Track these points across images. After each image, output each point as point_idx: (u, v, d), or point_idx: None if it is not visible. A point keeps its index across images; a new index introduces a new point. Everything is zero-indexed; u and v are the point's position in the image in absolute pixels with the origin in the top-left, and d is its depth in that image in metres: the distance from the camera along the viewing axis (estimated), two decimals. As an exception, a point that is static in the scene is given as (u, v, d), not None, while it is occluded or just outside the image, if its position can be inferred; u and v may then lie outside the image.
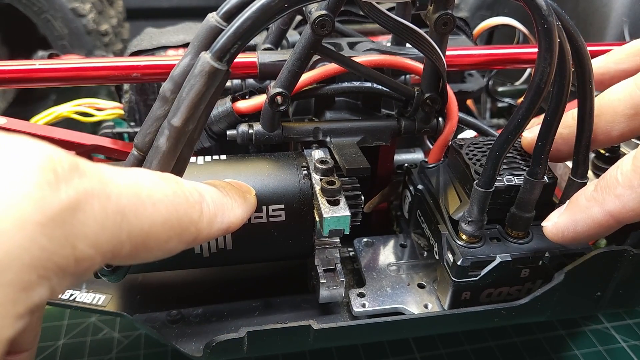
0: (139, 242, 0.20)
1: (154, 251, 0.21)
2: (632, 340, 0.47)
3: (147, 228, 0.20)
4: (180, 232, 0.22)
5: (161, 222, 0.21)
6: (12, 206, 0.16)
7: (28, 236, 0.16)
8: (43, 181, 0.17)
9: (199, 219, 0.23)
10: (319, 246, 0.35)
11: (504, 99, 0.56)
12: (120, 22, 0.75)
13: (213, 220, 0.24)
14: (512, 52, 0.43)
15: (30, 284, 0.16)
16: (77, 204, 0.18)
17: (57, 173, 0.17)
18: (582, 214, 0.29)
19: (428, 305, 0.36)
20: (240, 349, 0.31)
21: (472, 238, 0.33)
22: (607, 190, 0.28)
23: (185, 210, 0.22)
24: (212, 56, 0.25)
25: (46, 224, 0.17)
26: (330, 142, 0.37)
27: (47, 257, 0.17)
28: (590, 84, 0.30)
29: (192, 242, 0.23)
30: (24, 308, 0.16)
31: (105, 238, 0.18)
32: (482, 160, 0.35)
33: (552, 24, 0.26)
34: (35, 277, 0.16)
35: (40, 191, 0.17)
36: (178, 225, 0.22)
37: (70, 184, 0.18)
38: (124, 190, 0.20)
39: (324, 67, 0.37)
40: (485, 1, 0.61)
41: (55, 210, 0.17)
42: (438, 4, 0.32)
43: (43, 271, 0.17)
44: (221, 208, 0.25)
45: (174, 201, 0.22)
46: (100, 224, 0.18)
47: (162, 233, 0.21)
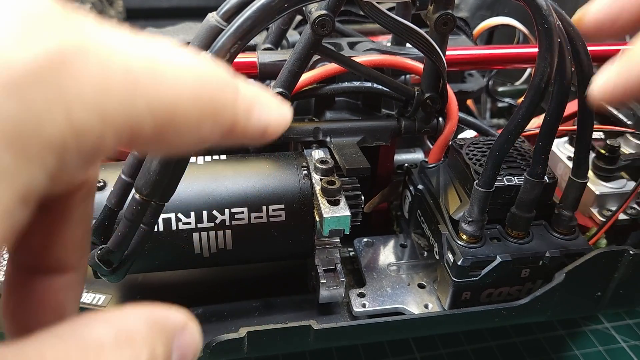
0: (164, 118, 0.15)
1: (185, 134, 0.16)
2: (632, 340, 0.47)
3: (171, 100, 0.15)
4: (215, 112, 0.17)
5: (188, 95, 0.16)
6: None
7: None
8: (8, 28, 0.12)
9: (235, 103, 0.17)
10: (319, 246, 0.35)
11: (504, 99, 0.56)
12: (121, 22, 0.75)
13: (250, 110, 0.18)
14: (512, 52, 0.43)
15: (8, 169, 0.12)
16: (64, 57, 0.13)
17: (30, 17, 0.13)
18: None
19: (428, 305, 0.36)
20: (240, 349, 0.31)
21: (472, 238, 0.33)
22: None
23: (219, 88, 0.17)
24: (212, 56, 0.25)
25: (17, 83, 0.12)
26: (330, 142, 0.37)
27: (25, 129, 0.12)
28: (591, 84, 0.30)
29: (227, 132, 0.17)
30: (10, 200, 0.12)
31: (114, 104, 0.14)
32: (482, 160, 0.35)
33: (552, 24, 0.26)
34: (13, 159, 0.12)
35: (8, 41, 0.12)
36: (210, 103, 0.16)
37: (53, 31, 0.13)
38: (134, 52, 0.14)
39: (324, 67, 0.37)
40: (485, 1, 0.61)
41: (27, 65, 0.12)
42: (438, 3, 0.32)
43: (24, 149, 0.12)
44: (258, 102, 0.19)
45: (203, 73, 0.16)
46: (102, 85, 0.13)
47: (192, 110, 0.16)
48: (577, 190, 0.33)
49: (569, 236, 0.35)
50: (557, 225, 0.35)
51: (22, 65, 0.12)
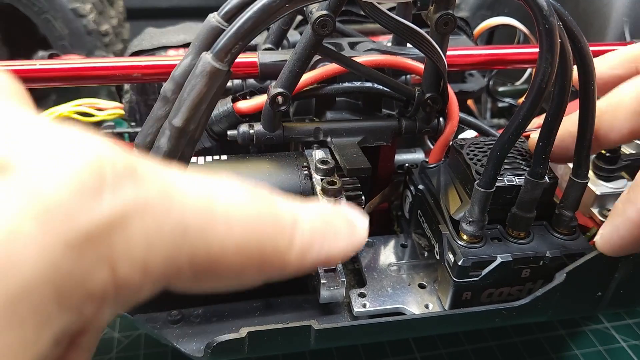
0: (203, 268, 0.16)
1: (224, 280, 0.17)
2: (632, 340, 0.47)
3: (216, 251, 0.16)
4: (260, 261, 0.17)
5: (234, 246, 0.16)
6: (37, 218, 0.12)
7: (53, 261, 0.12)
8: (83, 188, 0.13)
9: (288, 249, 0.18)
10: (320, 246, 0.35)
11: (504, 99, 0.56)
12: (121, 22, 0.75)
13: (307, 252, 0.18)
14: (512, 52, 0.43)
15: (51, 318, 0.13)
16: (123, 217, 0.13)
17: (103, 177, 0.13)
18: (620, 217, 0.30)
19: (429, 305, 0.36)
20: (241, 349, 0.31)
21: (473, 238, 0.33)
22: (638, 189, 0.29)
23: (270, 235, 0.17)
24: (213, 56, 0.25)
25: (78, 243, 0.13)
26: (331, 142, 0.37)
27: (74, 283, 0.13)
28: (592, 85, 0.30)
29: (275, 276, 0.18)
30: (44, 345, 0.13)
31: (158, 260, 0.14)
32: (483, 161, 0.35)
33: (553, 24, 0.26)
34: (57, 309, 0.13)
35: (76, 201, 0.13)
36: (258, 253, 0.17)
37: (119, 192, 0.13)
38: (192, 202, 0.15)
39: (325, 67, 0.37)
40: (486, 1, 0.61)
41: (91, 226, 0.13)
42: (439, 4, 0.32)
43: (67, 300, 0.13)
44: (320, 237, 0.19)
45: (256, 222, 0.17)
46: (151, 244, 0.14)
47: (236, 260, 0.16)
48: (577, 190, 0.33)
49: (569, 236, 0.35)
50: (557, 226, 0.35)
51: (89, 224, 0.13)
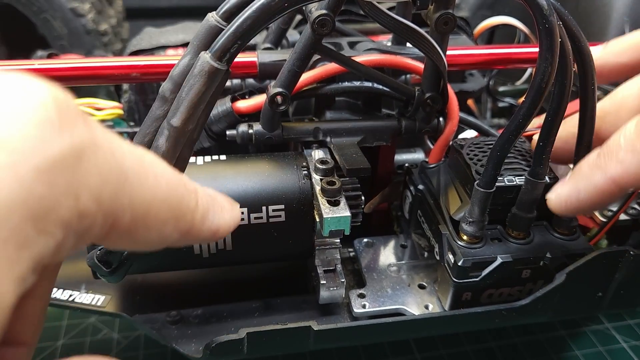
0: (139, 214, 0.18)
1: (151, 231, 0.19)
2: (632, 341, 0.47)
3: (149, 199, 0.18)
4: (177, 216, 0.20)
5: (162, 197, 0.19)
6: (6, 149, 0.14)
7: (26, 185, 0.14)
8: (45, 120, 0.15)
9: (195, 208, 0.21)
10: (319, 247, 0.34)
11: (504, 99, 0.56)
12: (120, 22, 0.75)
13: (205, 216, 0.22)
14: (513, 52, 0.43)
15: (29, 240, 0.14)
16: (82, 150, 0.16)
17: (61, 113, 0.15)
18: (585, 181, 0.29)
19: (429, 306, 0.36)
20: (240, 349, 0.31)
21: (473, 238, 0.33)
22: (610, 155, 0.28)
23: (183, 193, 0.20)
24: (211, 56, 0.25)
25: (47, 169, 0.14)
26: (330, 142, 0.37)
27: (48, 208, 0.15)
28: (593, 85, 0.30)
29: (185, 234, 0.21)
30: (25, 267, 0.14)
31: (108, 195, 0.16)
32: (483, 161, 0.35)
33: (553, 24, 0.26)
34: (35, 232, 0.14)
35: (42, 131, 0.15)
36: (177, 207, 0.20)
37: (75, 128, 0.16)
38: (127, 152, 0.18)
39: (324, 66, 0.37)
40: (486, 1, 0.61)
41: (57, 154, 0.15)
42: (439, 3, 0.32)
43: (44, 225, 0.15)
44: (212, 207, 0.23)
45: (173, 180, 0.20)
46: (103, 178, 0.16)
47: (162, 211, 0.19)
48: (578, 190, 0.33)
49: (569, 236, 0.34)
50: (558, 226, 0.35)
51: (53, 154, 0.15)
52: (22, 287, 0.15)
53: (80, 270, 0.36)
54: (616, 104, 0.32)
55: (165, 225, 0.20)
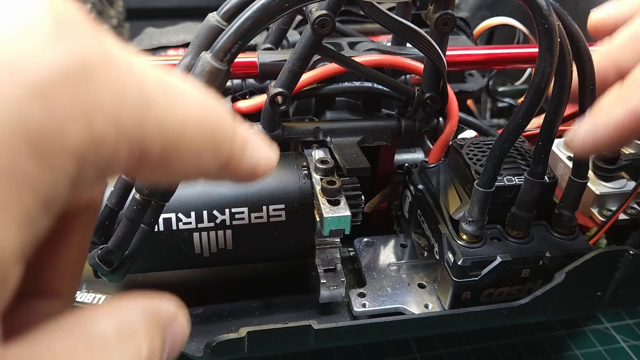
0: (171, 139, 0.15)
1: (187, 160, 0.16)
2: (632, 340, 0.47)
3: (180, 123, 0.15)
4: (215, 142, 0.17)
5: (195, 121, 0.16)
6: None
7: (16, 107, 0.11)
8: (37, 28, 0.12)
9: (233, 136, 0.17)
10: (320, 246, 0.35)
11: (504, 99, 0.56)
12: (121, 23, 0.75)
13: (245, 147, 0.18)
14: (512, 52, 0.43)
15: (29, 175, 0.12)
16: (88, 64, 0.13)
17: (58, 21, 0.13)
18: (604, 116, 0.27)
19: (428, 305, 0.36)
20: (240, 348, 0.31)
21: (472, 238, 0.33)
22: (633, 87, 0.26)
23: (219, 118, 0.17)
24: (212, 56, 0.25)
25: (43, 87, 0.12)
26: (330, 142, 0.37)
27: (50, 134, 0.12)
28: (592, 84, 0.30)
29: (224, 165, 0.18)
30: (31, 207, 0.12)
31: (130, 118, 0.14)
32: (482, 160, 0.35)
33: (552, 24, 0.26)
34: (36, 165, 0.12)
35: (33, 42, 0.12)
36: (213, 132, 0.16)
37: (79, 38, 0.13)
38: (148, 69, 0.15)
39: (325, 67, 0.37)
40: (486, 1, 0.61)
41: (55, 68, 0.12)
42: (438, 3, 0.32)
43: (47, 155, 0.12)
44: (250, 138, 0.19)
45: (206, 102, 0.17)
46: (120, 98, 0.13)
47: (197, 137, 0.16)
48: (577, 190, 0.33)
49: (569, 236, 0.35)
50: (557, 225, 0.35)
51: (49, 68, 0.12)
52: (31, 230, 0.12)
53: (81, 269, 0.36)
54: (633, 37, 0.30)
55: (202, 153, 0.16)
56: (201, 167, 0.17)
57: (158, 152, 0.15)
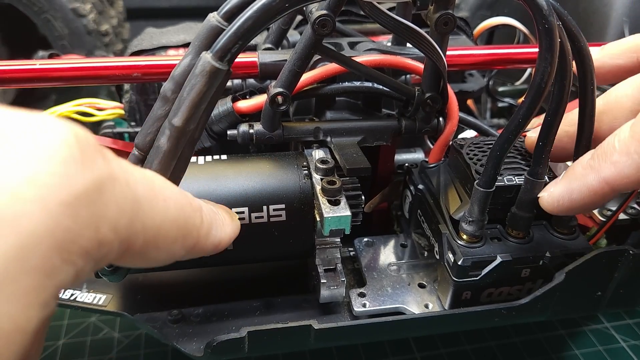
0: (150, 237, 0.20)
1: (161, 251, 0.21)
2: (632, 340, 0.47)
3: (159, 222, 0.20)
4: (185, 234, 0.22)
5: (171, 219, 0.21)
6: (35, 184, 0.15)
7: (53, 217, 0.15)
8: (69, 157, 0.16)
9: (200, 225, 0.23)
10: (320, 246, 0.35)
11: (504, 99, 0.56)
12: (121, 22, 0.75)
13: (209, 231, 0.24)
14: (512, 52, 0.43)
15: (55, 269, 0.15)
16: (102, 184, 0.17)
17: (83, 151, 0.17)
18: (578, 181, 0.29)
19: (429, 305, 0.36)
20: (241, 348, 0.31)
21: (472, 238, 0.33)
22: (604, 157, 0.28)
23: (190, 212, 0.22)
24: (213, 56, 0.25)
25: (72, 203, 0.16)
26: (330, 142, 0.37)
27: (72, 239, 0.16)
28: (592, 84, 0.30)
29: (191, 249, 0.23)
30: (49, 294, 0.15)
31: (124, 224, 0.18)
32: (482, 160, 0.35)
33: (552, 24, 0.26)
34: (60, 261, 0.15)
35: (66, 168, 0.16)
36: (184, 226, 0.22)
37: (96, 163, 0.17)
38: (140, 179, 0.19)
39: (325, 67, 0.37)
40: (486, 1, 0.61)
41: (81, 188, 0.16)
42: (439, 3, 0.32)
43: (68, 255, 0.16)
44: (215, 222, 0.25)
45: (181, 201, 0.22)
46: (120, 209, 0.18)
47: (171, 231, 0.21)
48: (577, 190, 0.33)
49: (569, 236, 0.35)
50: (557, 225, 0.35)
51: (79, 188, 0.16)
52: (45, 312, 0.16)
53: (81, 269, 0.36)
54: (610, 105, 0.32)
55: (174, 244, 0.21)
56: (172, 254, 0.22)
57: (140, 245, 0.19)
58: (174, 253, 0.22)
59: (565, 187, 0.30)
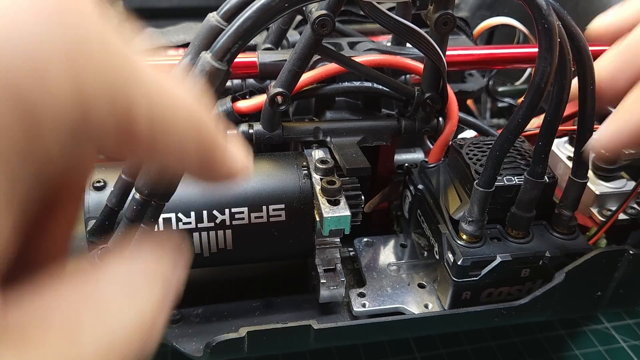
0: (159, 119, 0.15)
1: (171, 143, 0.16)
2: (632, 340, 0.47)
3: (169, 105, 0.15)
4: (199, 134, 0.17)
5: (184, 107, 0.16)
6: None
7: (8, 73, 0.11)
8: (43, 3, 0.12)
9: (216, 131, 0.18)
10: (320, 246, 0.35)
11: (504, 99, 0.56)
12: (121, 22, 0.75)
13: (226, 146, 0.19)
14: (512, 52, 0.43)
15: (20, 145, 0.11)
16: (86, 33, 0.13)
17: None
18: (629, 114, 0.28)
19: (428, 305, 0.36)
20: (240, 348, 0.31)
21: (472, 238, 0.33)
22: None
23: (206, 116, 0.17)
24: (212, 56, 0.25)
25: (36, 52, 0.11)
26: (330, 141, 0.37)
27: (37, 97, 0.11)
28: (592, 84, 0.30)
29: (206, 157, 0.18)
30: (24, 180, 0.12)
31: (120, 88, 0.14)
32: (482, 160, 0.35)
33: (552, 24, 0.26)
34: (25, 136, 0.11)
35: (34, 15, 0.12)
36: (198, 121, 0.17)
37: (78, 15, 0.13)
38: (140, 57, 0.15)
39: (324, 67, 0.37)
40: (486, 1, 0.61)
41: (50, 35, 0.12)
42: (438, 3, 0.32)
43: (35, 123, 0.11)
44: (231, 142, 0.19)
45: (196, 98, 0.17)
46: (114, 69, 0.13)
47: (183, 122, 0.16)
48: (577, 190, 0.33)
49: (569, 236, 0.35)
50: (557, 225, 0.35)
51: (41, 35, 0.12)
52: (24, 203, 0.12)
53: (81, 269, 0.36)
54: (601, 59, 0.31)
55: (187, 140, 0.16)
56: (184, 154, 0.17)
57: (145, 129, 0.15)
58: (188, 153, 0.17)
59: (617, 121, 0.28)
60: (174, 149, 0.16)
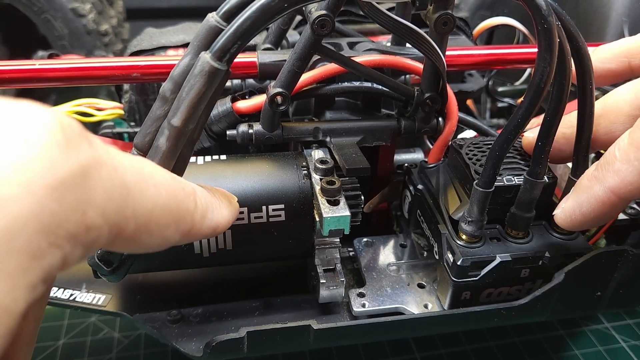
0: (142, 223, 0.20)
1: (154, 236, 0.21)
2: (632, 340, 0.47)
3: (150, 208, 0.20)
4: (178, 219, 0.22)
5: (162, 204, 0.21)
6: (20, 169, 0.15)
7: (38, 201, 0.15)
8: (53, 143, 0.16)
9: (194, 209, 0.23)
10: (319, 246, 0.35)
11: (504, 99, 0.56)
12: (120, 22, 0.75)
13: (205, 215, 0.24)
14: (512, 52, 0.43)
15: (41, 252, 0.16)
16: (88, 169, 0.17)
17: (67, 136, 0.17)
18: (585, 194, 0.30)
19: (428, 305, 0.36)
20: (240, 348, 0.31)
21: (472, 238, 0.33)
22: (606, 166, 0.28)
23: (182, 198, 0.22)
24: (212, 56, 0.25)
25: (57, 187, 0.16)
26: (330, 142, 0.37)
27: (58, 223, 0.16)
28: (591, 84, 0.30)
29: (186, 234, 0.23)
30: (36, 277, 0.16)
31: (113, 209, 0.18)
32: (482, 160, 0.35)
33: (551, 24, 0.26)
34: (46, 244, 0.16)
35: (51, 153, 0.16)
36: (177, 211, 0.22)
37: (81, 148, 0.17)
38: (128, 166, 0.19)
39: (324, 67, 0.37)
40: (485, 1, 0.61)
41: (66, 173, 0.16)
42: (438, 3, 0.32)
43: (54, 238, 0.16)
44: (211, 206, 0.25)
45: (172, 186, 0.22)
46: (108, 194, 0.18)
47: (163, 217, 0.21)
48: (577, 190, 0.33)
49: (568, 236, 0.35)
50: (557, 226, 0.35)
51: (64, 173, 0.16)
52: (33, 295, 0.16)
53: (81, 269, 0.36)
54: (608, 109, 0.32)
55: (167, 229, 0.21)
56: (166, 239, 0.21)
57: (131, 231, 0.19)
58: (169, 238, 0.22)
59: (575, 201, 0.30)
60: (156, 238, 0.21)
